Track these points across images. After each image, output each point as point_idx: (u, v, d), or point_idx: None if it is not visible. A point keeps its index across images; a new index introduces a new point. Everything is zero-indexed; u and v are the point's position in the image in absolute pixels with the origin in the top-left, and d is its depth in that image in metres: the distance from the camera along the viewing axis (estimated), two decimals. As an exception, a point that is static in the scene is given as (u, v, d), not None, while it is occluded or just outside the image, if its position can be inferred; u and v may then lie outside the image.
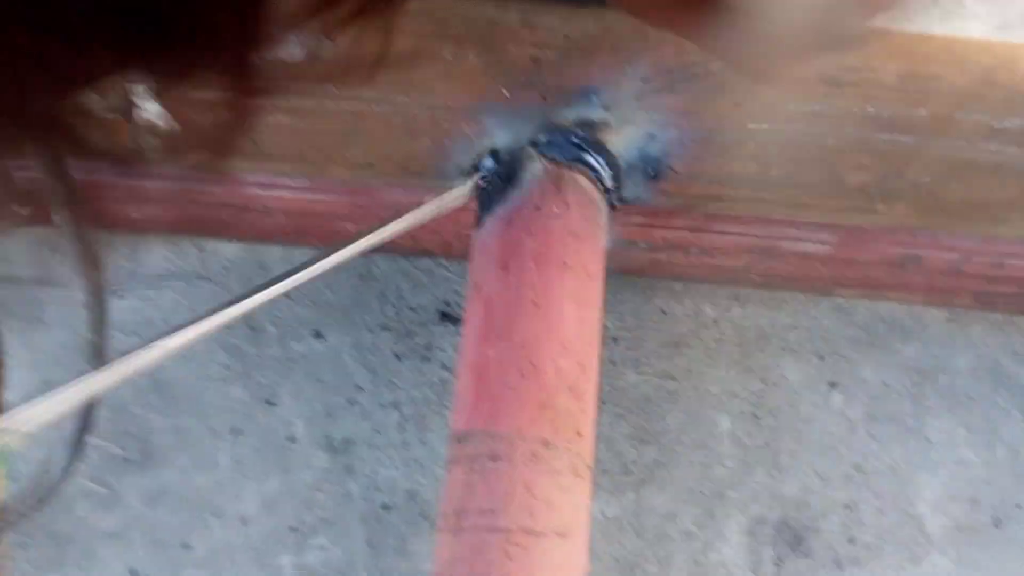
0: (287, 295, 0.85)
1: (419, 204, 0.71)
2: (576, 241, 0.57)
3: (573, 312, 0.56)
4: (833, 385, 0.84)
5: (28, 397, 0.81)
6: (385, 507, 0.79)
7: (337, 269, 0.86)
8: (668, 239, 0.73)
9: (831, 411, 0.83)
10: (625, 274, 0.79)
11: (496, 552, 0.50)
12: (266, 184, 0.71)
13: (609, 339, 0.85)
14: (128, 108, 0.58)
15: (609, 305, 0.86)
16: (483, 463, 0.52)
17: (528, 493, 0.51)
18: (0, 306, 0.82)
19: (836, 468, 0.82)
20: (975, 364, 0.85)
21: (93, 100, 0.58)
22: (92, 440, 0.80)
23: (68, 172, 0.58)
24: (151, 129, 0.59)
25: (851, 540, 0.79)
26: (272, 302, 0.84)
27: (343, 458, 0.80)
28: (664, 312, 0.86)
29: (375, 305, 0.85)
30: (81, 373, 0.70)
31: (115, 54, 0.26)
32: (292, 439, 0.80)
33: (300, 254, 0.85)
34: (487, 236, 0.58)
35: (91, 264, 0.60)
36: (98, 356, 0.63)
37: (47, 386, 0.81)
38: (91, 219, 0.61)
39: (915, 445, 0.83)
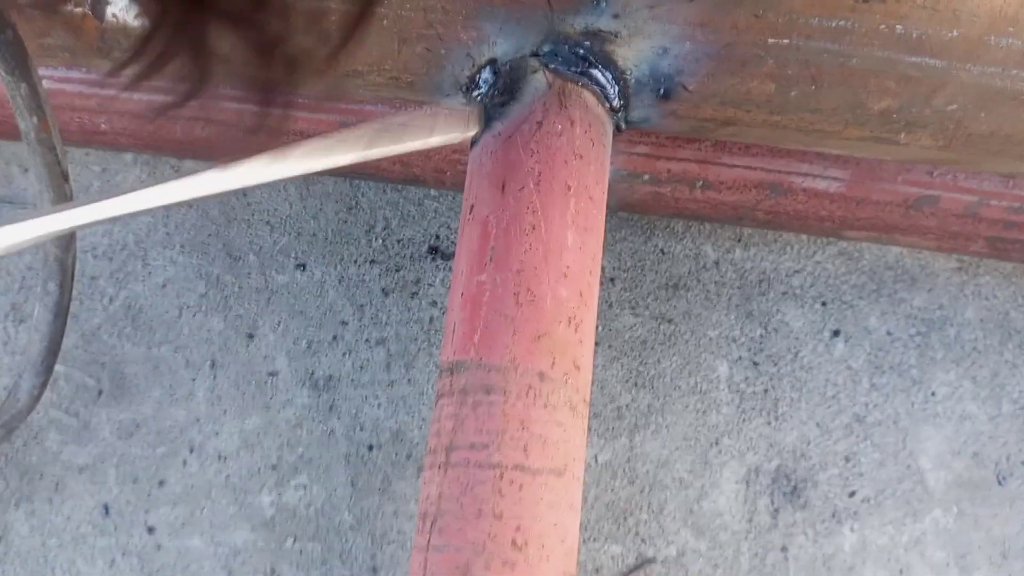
0: (268, 222, 0.81)
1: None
2: (579, 162, 0.53)
3: (574, 238, 0.52)
4: (836, 333, 0.81)
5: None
6: (369, 447, 0.76)
7: (322, 196, 0.82)
8: (673, 171, 0.69)
9: (833, 360, 0.80)
10: (624, 211, 0.75)
11: (487, 489, 0.47)
12: (247, 98, 0.67)
13: (606, 279, 0.81)
14: (98, 4, 0.53)
15: (606, 244, 0.82)
16: (475, 395, 0.49)
17: (522, 428, 0.48)
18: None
19: (837, 419, 0.79)
20: (984, 316, 0.82)
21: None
22: (61, 368, 0.76)
23: (37, 79, 0.54)
24: (122, 29, 0.54)
25: (850, 493, 0.77)
26: (253, 229, 0.80)
27: (326, 395, 0.76)
28: (663, 252, 0.82)
29: (362, 237, 0.81)
30: (48, 296, 0.66)
31: None
32: (273, 374, 0.77)
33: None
34: (484, 154, 0.54)
35: (58, 176, 0.56)
36: (65, 274, 0.59)
37: (16, 311, 0.78)
38: (59, 130, 0.57)
39: (919, 397, 0.80)
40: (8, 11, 0.51)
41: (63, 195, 0.56)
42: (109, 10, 0.54)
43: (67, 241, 0.58)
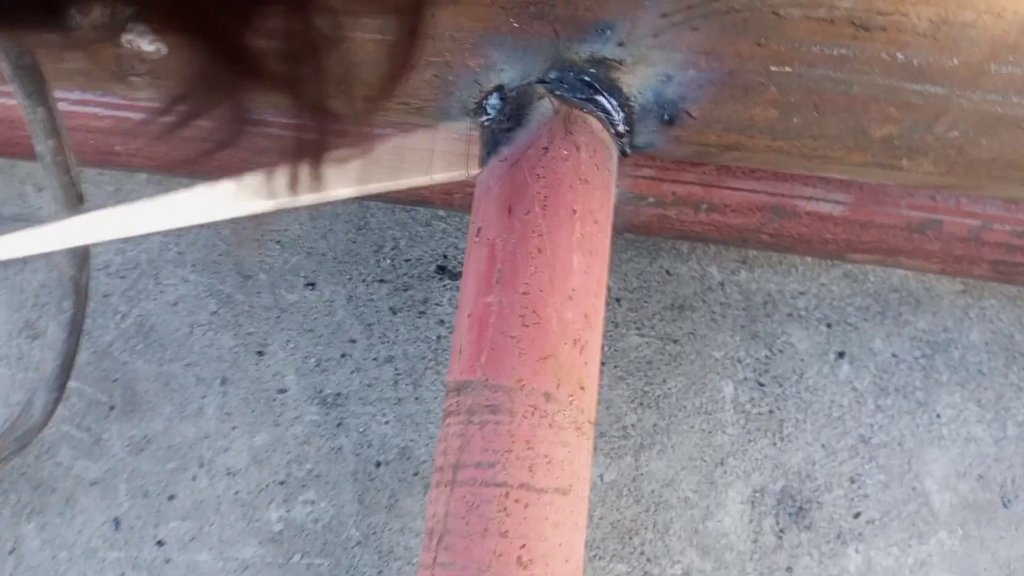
0: (278, 242, 0.82)
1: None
2: (585, 186, 0.54)
3: (579, 261, 0.53)
4: (841, 355, 0.82)
5: (10, 339, 0.78)
6: (376, 464, 0.76)
7: (331, 217, 0.83)
8: (678, 194, 0.70)
9: (838, 381, 0.81)
10: (630, 232, 0.76)
11: (493, 507, 0.48)
12: (259, 122, 0.68)
13: (612, 299, 0.82)
14: (114, 28, 0.55)
15: (613, 265, 0.83)
16: (481, 415, 0.50)
17: (528, 447, 0.49)
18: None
19: (842, 440, 0.79)
20: (988, 338, 0.83)
21: (75, 18, 0.55)
22: (74, 384, 0.77)
23: (53, 103, 0.55)
24: (137, 54, 0.56)
25: (856, 514, 0.77)
26: (264, 249, 0.82)
27: (334, 412, 0.77)
28: (669, 273, 0.83)
29: (371, 257, 0.82)
30: (63, 313, 0.68)
31: None
32: (282, 391, 0.78)
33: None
34: (491, 178, 0.55)
35: (73, 197, 0.58)
36: (79, 293, 0.61)
37: (29, 327, 0.79)
38: (74, 152, 0.59)
39: (924, 419, 0.80)
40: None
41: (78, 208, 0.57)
42: (125, 36, 0.55)
43: (82, 260, 0.59)
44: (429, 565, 0.48)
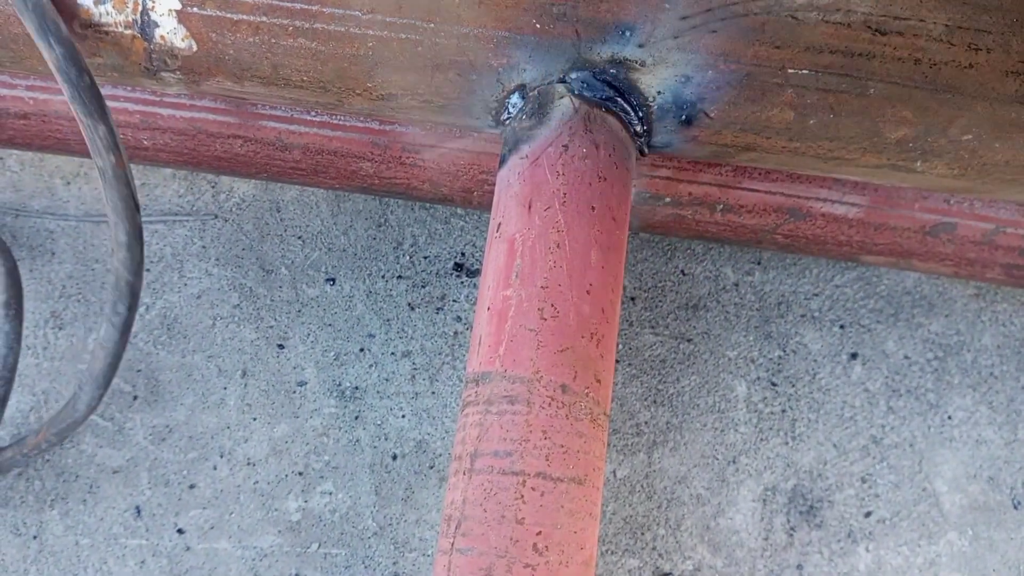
0: (300, 237, 0.84)
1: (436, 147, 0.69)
2: (603, 184, 0.55)
3: (597, 257, 0.54)
4: (854, 356, 0.82)
5: (36, 329, 0.80)
6: (393, 456, 0.78)
7: (352, 213, 0.84)
8: (694, 194, 0.71)
9: (851, 382, 0.82)
10: (646, 232, 0.77)
11: (510, 495, 0.49)
12: (284, 118, 0.69)
13: (627, 298, 0.83)
14: (147, 26, 0.56)
15: (628, 264, 0.84)
16: (500, 405, 0.51)
17: (544, 437, 0.50)
18: (11, 237, 0.81)
19: (854, 440, 0.80)
20: (1001, 342, 0.83)
21: (110, 15, 0.57)
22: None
23: (113, 121, 0.57)
24: (169, 50, 0.57)
25: (866, 514, 0.78)
26: (286, 244, 0.83)
27: (352, 405, 0.79)
28: (684, 273, 0.84)
29: (390, 253, 0.83)
30: (90, 304, 0.69)
31: None
32: (302, 384, 0.79)
33: (316, 195, 0.84)
34: (511, 175, 0.56)
35: (132, 209, 0.59)
36: (134, 297, 0.62)
37: (55, 318, 0.81)
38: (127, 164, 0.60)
39: (935, 421, 0.81)
40: (84, 58, 0.55)
41: (136, 226, 0.59)
42: (157, 32, 0.57)
43: (138, 266, 0.61)
44: (447, 551, 0.49)
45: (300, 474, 0.77)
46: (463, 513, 0.49)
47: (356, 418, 0.78)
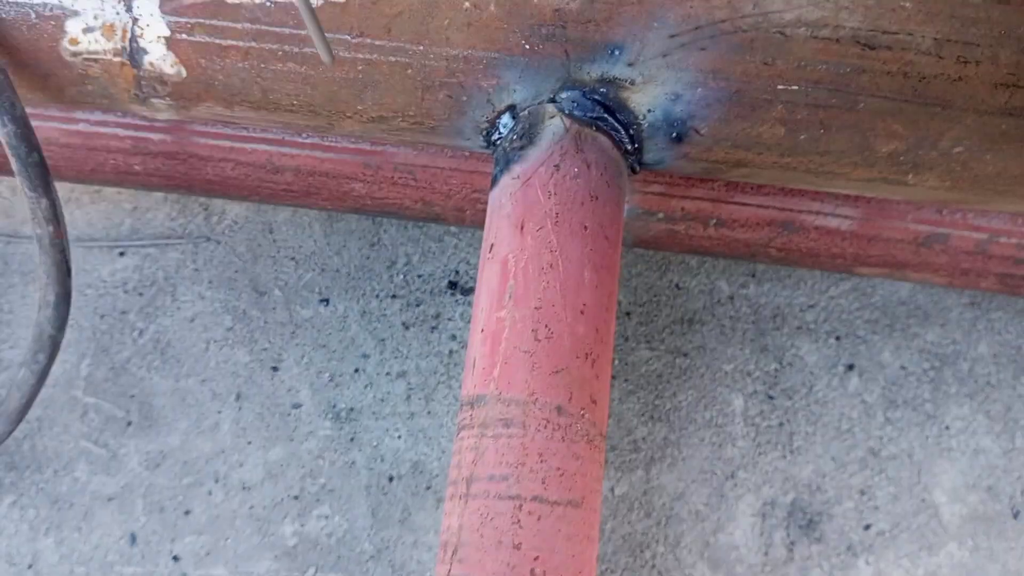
0: (293, 258, 0.83)
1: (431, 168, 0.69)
2: (595, 203, 0.55)
3: (591, 276, 0.54)
4: (850, 367, 0.82)
5: (24, 351, 0.79)
6: (389, 478, 0.77)
7: (345, 233, 0.84)
8: (687, 209, 0.71)
9: (848, 394, 0.81)
10: (640, 247, 0.77)
11: (506, 520, 0.48)
12: (275, 140, 0.69)
13: (622, 313, 0.83)
14: (135, 53, 0.56)
15: (622, 279, 0.84)
16: (495, 428, 0.51)
17: (541, 460, 0.50)
18: (4, 263, 0.81)
19: (851, 452, 0.80)
20: (996, 351, 0.83)
21: (99, 42, 0.57)
22: (91, 400, 0.78)
23: (56, 194, 0.59)
24: (158, 76, 0.57)
25: (866, 526, 0.77)
26: (279, 265, 0.83)
27: (348, 427, 0.78)
28: (678, 287, 0.84)
29: (383, 273, 0.83)
30: (82, 330, 0.69)
31: None
32: (297, 406, 0.79)
33: (308, 216, 0.84)
34: (503, 196, 0.56)
35: (64, 274, 0.63)
36: (54, 349, 0.66)
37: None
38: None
39: (933, 431, 0.81)
40: (34, 135, 0.58)
41: (65, 289, 0.64)
42: (146, 58, 0.57)
43: (63, 323, 0.65)
44: (445, 577, 0.49)
45: (296, 498, 0.76)
46: (460, 539, 0.49)
47: (351, 440, 0.78)
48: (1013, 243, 0.72)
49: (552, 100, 0.55)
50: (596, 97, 0.55)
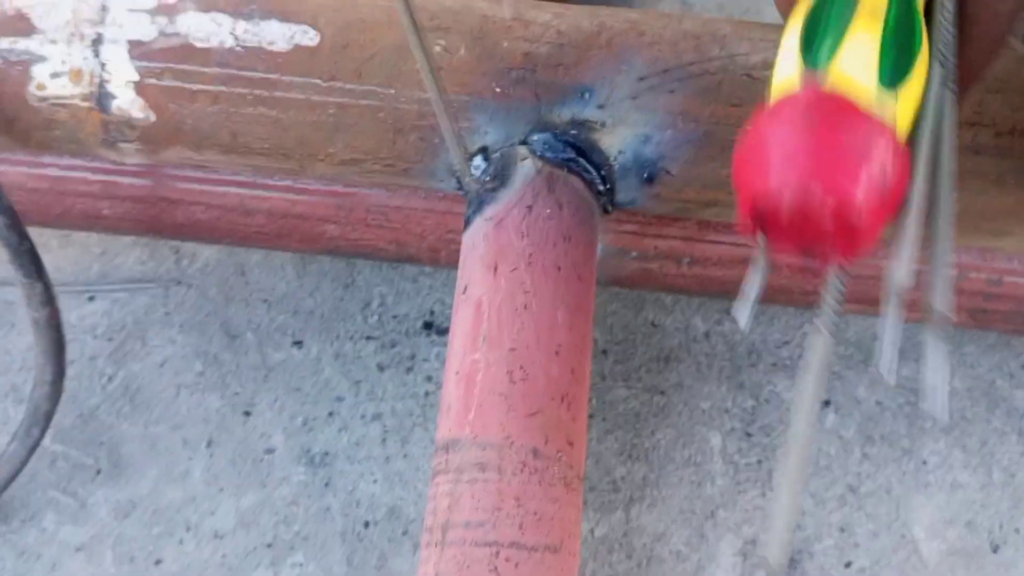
0: (265, 300, 0.83)
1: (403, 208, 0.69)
2: (568, 244, 0.55)
3: (565, 317, 0.54)
4: (826, 404, 0.82)
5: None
6: (365, 523, 0.76)
7: (319, 275, 0.84)
8: (660, 248, 0.71)
9: (825, 430, 0.81)
10: (615, 285, 0.77)
11: (483, 567, 0.48)
12: (247, 183, 0.69)
13: (598, 352, 0.83)
14: (103, 98, 0.56)
15: (598, 317, 0.84)
16: (471, 473, 0.50)
17: (517, 505, 0.49)
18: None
19: (830, 489, 0.79)
20: (970, 384, 0.84)
21: (66, 88, 0.56)
22: (59, 448, 0.77)
23: (48, 278, 0.61)
24: (127, 121, 0.57)
25: (846, 564, 0.77)
26: (251, 308, 0.82)
27: (322, 472, 0.77)
28: (654, 325, 0.84)
29: (358, 314, 0.82)
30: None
31: None
32: (270, 451, 0.78)
33: (281, 257, 0.83)
34: (476, 237, 0.56)
35: (61, 352, 0.65)
36: (48, 421, 0.67)
37: (15, 391, 0.79)
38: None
39: (910, 467, 0.81)
40: (23, 224, 0.60)
41: (62, 367, 0.66)
42: (114, 103, 0.57)
43: (58, 398, 0.67)
44: (420, 627, 0.48)
45: (269, 546, 0.75)
46: (435, 588, 0.48)
47: (326, 485, 0.77)
48: (983, 278, 0.73)
49: (524, 142, 0.56)
50: (567, 139, 0.55)
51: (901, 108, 0.40)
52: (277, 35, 0.53)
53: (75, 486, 0.76)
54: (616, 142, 0.55)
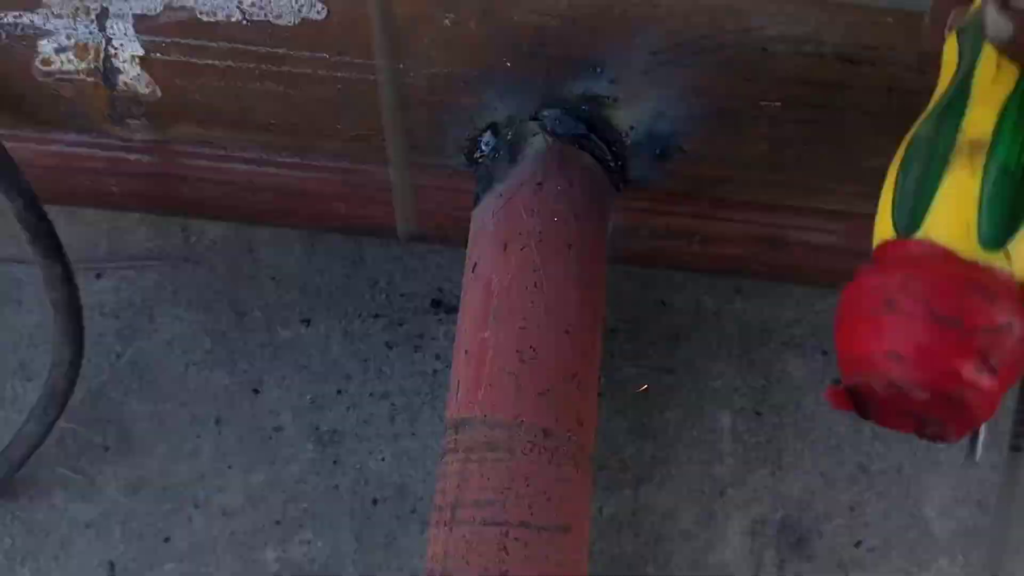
0: (273, 278, 0.82)
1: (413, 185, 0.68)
2: (579, 221, 0.55)
3: (576, 295, 0.53)
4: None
5: (4, 380, 0.78)
6: (374, 501, 0.76)
7: (327, 252, 0.83)
8: (671, 226, 0.70)
9: (834, 409, 0.81)
10: (625, 263, 0.76)
11: (492, 547, 0.47)
12: (255, 160, 0.68)
13: (607, 331, 0.82)
14: (109, 73, 0.55)
15: (608, 296, 0.83)
16: (480, 452, 0.50)
17: (527, 485, 0.49)
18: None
19: (840, 468, 0.79)
20: (982, 364, 0.83)
21: (72, 63, 0.56)
22: (68, 425, 0.77)
23: (67, 257, 0.62)
24: (133, 96, 0.56)
25: (856, 543, 0.77)
26: (259, 286, 0.82)
27: (331, 450, 0.77)
28: (664, 303, 0.83)
29: (366, 292, 0.82)
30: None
31: None
32: (278, 429, 0.78)
33: (289, 235, 0.83)
34: (486, 215, 0.55)
35: (80, 332, 0.66)
36: (65, 400, 0.68)
37: (24, 368, 0.79)
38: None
39: (921, 445, 0.80)
40: (41, 204, 0.60)
41: (80, 348, 0.67)
42: (120, 78, 0.56)
43: (74, 376, 0.68)
44: (430, 606, 0.48)
45: (277, 523, 0.75)
46: (445, 567, 0.48)
47: (335, 463, 0.77)
48: (998, 256, 0.72)
49: (535, 118, 0.55)
50: (579, 114, 0.55)
51: (1018, 264, 0.35)
52: (284, 8, 0.52)
53: (84, 463, 0.76)
54: (629, 117, 0.55)
